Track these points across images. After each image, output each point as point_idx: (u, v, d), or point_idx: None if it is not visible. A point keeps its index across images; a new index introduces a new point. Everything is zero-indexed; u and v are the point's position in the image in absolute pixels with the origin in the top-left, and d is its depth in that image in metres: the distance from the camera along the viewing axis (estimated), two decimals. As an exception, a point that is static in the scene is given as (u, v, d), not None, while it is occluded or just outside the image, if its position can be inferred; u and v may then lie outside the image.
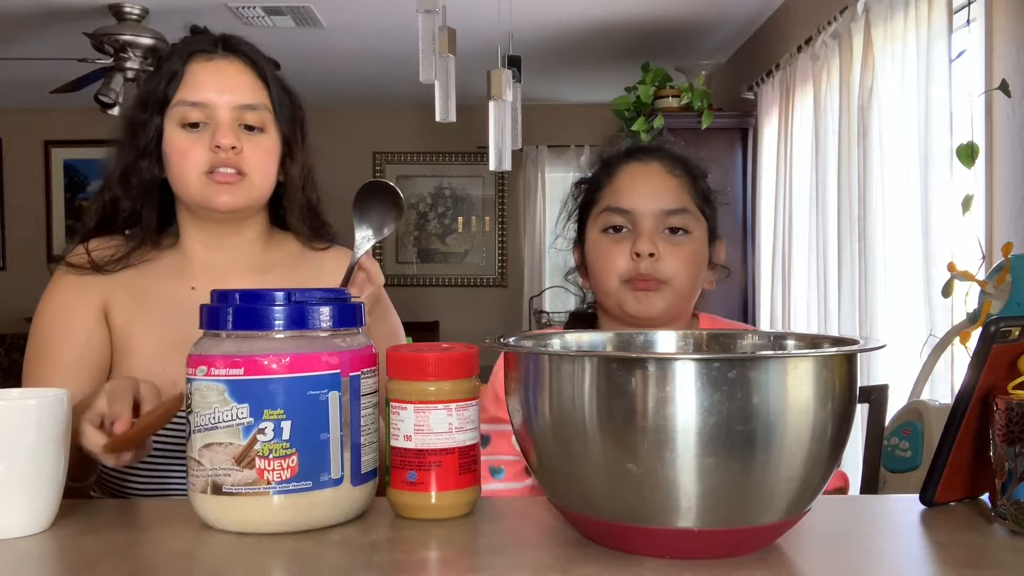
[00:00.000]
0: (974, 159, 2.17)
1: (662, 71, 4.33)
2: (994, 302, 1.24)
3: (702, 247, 1.29)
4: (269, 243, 1.36)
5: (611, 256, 1.26)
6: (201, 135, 1.24)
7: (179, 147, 1.25)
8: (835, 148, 3.02)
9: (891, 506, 0.91)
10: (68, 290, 1.28)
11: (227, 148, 1.23)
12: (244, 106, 1.26)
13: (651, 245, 1.23)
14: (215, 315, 0.83)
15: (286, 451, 0.80)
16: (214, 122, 1.24)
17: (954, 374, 2.17)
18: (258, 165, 1.26)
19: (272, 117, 1.29)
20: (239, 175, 1.25)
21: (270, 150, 1.29)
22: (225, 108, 1.25)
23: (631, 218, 1.26)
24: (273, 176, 1.30)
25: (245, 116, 1.26)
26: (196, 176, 1.24)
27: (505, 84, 3.11)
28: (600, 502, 0.72)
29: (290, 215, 1.35)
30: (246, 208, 1.28)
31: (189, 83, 1.26)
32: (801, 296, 3.46)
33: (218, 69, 1.27)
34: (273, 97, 1.30)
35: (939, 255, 2.32)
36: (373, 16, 4.29)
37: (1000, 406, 0.80)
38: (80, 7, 4.09)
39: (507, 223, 6.68)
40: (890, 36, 2.66)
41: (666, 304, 1.25)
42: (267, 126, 1.28)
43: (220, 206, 1.25)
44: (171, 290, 1.29)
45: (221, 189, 1.24)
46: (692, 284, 1.28)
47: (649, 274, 1.23)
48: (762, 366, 0.69)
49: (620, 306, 1.26)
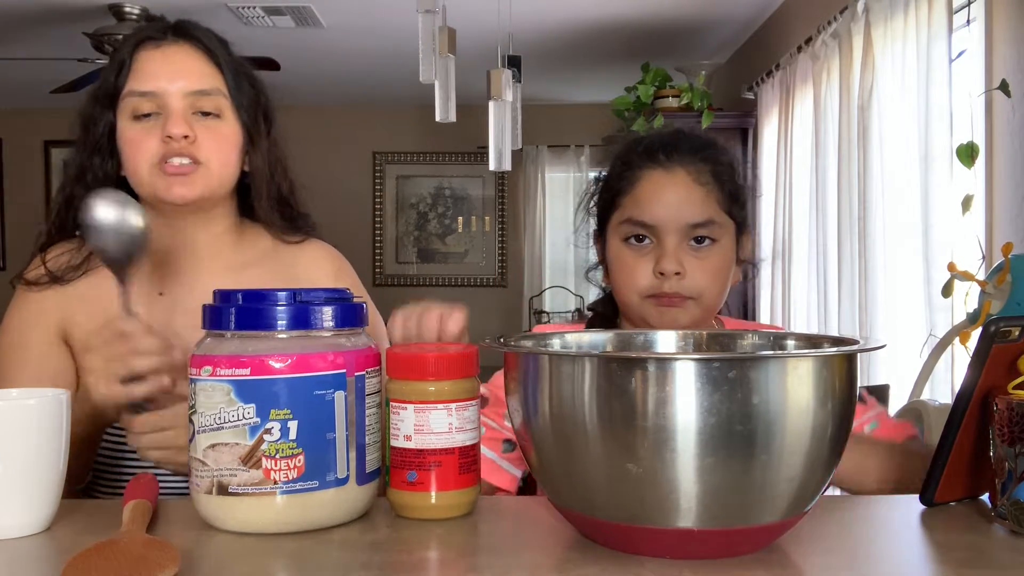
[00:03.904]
0: (974, 159, 2.17)
1: (662, 71, 4.33)
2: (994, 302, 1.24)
3: (729, 253, 1.24)
4: (241, 238, 1.31)
5: (634, 272, 1.21)
6: (153, 126, 1.19)
7: (130, 139, 1.20)
8: (835, 148, 3.02)
9: (891, 506, 0.91)
10: (23, 311, 1.24)
11: (179, 137, 1.17)
12: (197, 92, 1.20)
13: (676, 264, 1.18)
14: (219, 315, 0.83)
15: (293, 451, 0.80)
16: (166, 111, 1.19)
17: (954, 374, 2.17)
18: (215, 152, 1.21)
19: (229, 103, 1.23)
20: (194, 164, 1.19)
21: (228, 136, 1.23)
22: (176, 96, 1.19)
23: (654, 231, 1.20)
24: (234, 164, 1.25)
25: (199, 103, 1.20)
26: (147, 168, 1.19)
27: (505, 84, 3.11)
28: (600, 502, 0.72)
29: (258, 205, 1.30)
30: (205, 199, 1.22)
31: (137, 72, 1.20)
32: (801, 296, 3.46)
33: (167, 55, 1.21)
34: (228, 82, 1.24)
35: (939, 255, 2.32)
36: (373, 16, 4.29)
37: (1000, 406, 0.80)
38: (80, 7, 4.09)
39: (507, 223, 6.68)
40: (890, 36, 2.66)
41: (691, 318, 1.20)
42: (224, 112, 1.23)
43: (175, 198, 1.19)
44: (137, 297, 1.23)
45: (174, 181, 1.19)
46: (719, 296, 1.23)
47: (675, 292, 1.19)
48: (762, 366, 0.69)
49: (643, 319, 1.22)
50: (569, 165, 6.39)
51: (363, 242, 6.47)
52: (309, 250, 1.35)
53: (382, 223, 6.66)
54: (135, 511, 0.80)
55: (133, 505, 0.82)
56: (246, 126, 1.26)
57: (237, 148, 1.25)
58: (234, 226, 1.31)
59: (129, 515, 0.80)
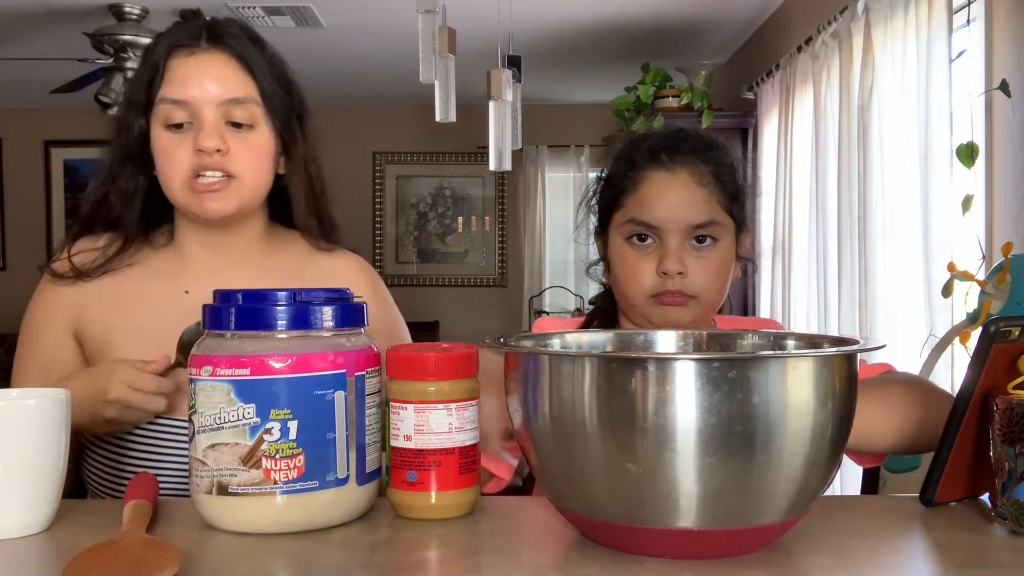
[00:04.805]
0: (974, 159, 2.17)
1: (662, 71, 4.33)
2: (994, 302, 1.24)
3: (729, 252, 1.26)
4: (270, 244, 1.32)
5: (637, 271, 1.22)
6: (186, 136, 1.19)
7: (164, 150, 1.20)
8: (835, 148, 3.02)
9: (891, 506, 0.91)
10: (43, 301, 1.27)
11: (211, 151, 1.17)
12: (230, 101, 1.19)
13: (679, 264, 1.20)
14: (219, 315, 0.83)
15: (293, 451, 0.80)
16: (198, 122, 1.18)
17: (954, 374, 2.17)
18: (248, 165, 1.21)
19: (262, 111, 1.23)
20: (227, 178, 1.20)
21: (261, 148, 1.23)
22: (209, 106, 1.18)
23: (657, 231, 1.22)
24: (267, 175, 1.25)
25: (232, 112, 1.20)
26: (181, 181, 1.19)
27: (505, 84, 3.11)
28: (600, 502, 0.72)
29: (296, 214, 1.30)
30: (239, 212, 1.23)
31: (170, 80, 1.20)
32: (801, 296, 3.46)
33: (200, 63, 1.20)
34: (262, 89, 1.23)
35: (939, 255, 2.32)
36: (373, 16, 4.29)
37: (1000, 406, 0.80)
38: (80, 7, 4.09)
39: (507, 223, 6.68)
40: (890, 36, 2.66)
41: (693, 317, 1.23)
42: (257, 121, 1.22)
43: (210, 214, 1.20)
44: (160, 295, 1.25)
45: (206, 197, 1.19)
46: (720, 295, 1.25)
47: (677, 290, 1.20)
48: (762, 366, 0.69)
49: (645, 317, 1.24)
50: (569, 165, 6.39)
51: (363, 242, 6.46)
52: (339, 263, 1.35)
53: (382, 223, 6.66)
54: (135, 511, 0.80)
55: (133, 505, 0.82)
56: (280, 134, 1.25)
57: (270, 157, 1.25)
58: (265, 231, 1.31)
59: (129, 515, 0.80)
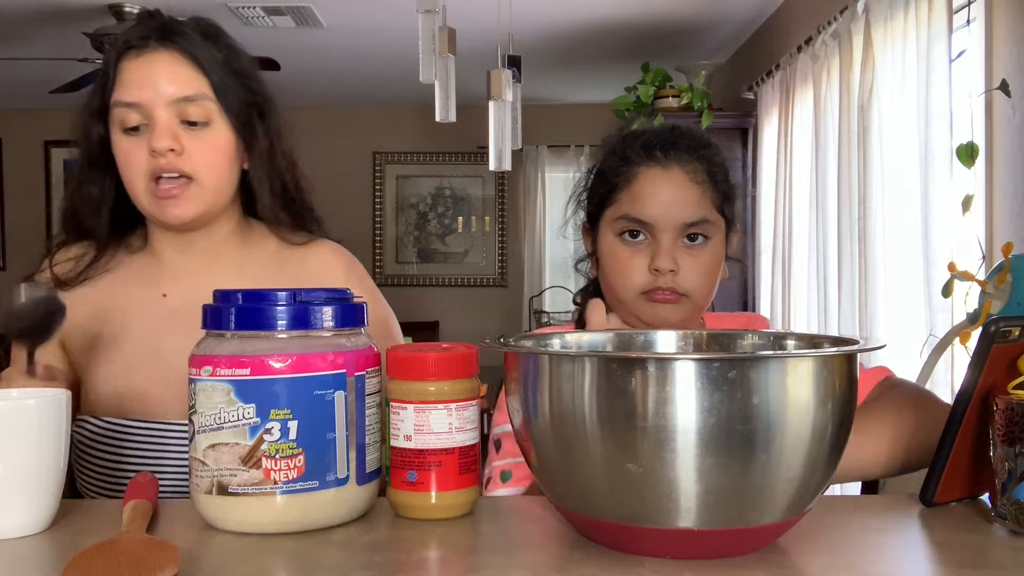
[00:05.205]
0: (974, 159, 2.18)
1: (662, 71, 4.33)
2: (994, 302, 1.24)
3: (720, 250, 1.26)
4: (245, 239, 1.30)
5: (629, 268, 1.22)
6: (142, 139, 1.18)
7: (122, 153, 1.19)
8: (835, 148, 3.02)
9: (891, 506, 0.91)
10: None
11: (164, 151, 1.16)
12: (182, 99, 1.18)
13: (671, 261, 1.20)
14: (219, 315, 0.83)
15: (293, 451, 0.80)
16: (152, 122, 1.17)
17: (954, 374, 2.18)
18: (205, 164, 1.19)
19: (217, 107, 1.20)
20: (186, 180, 1.18)
21: (218, 145, 1.21)
22: (161, 106, 1.17)
23: (649, 228, 1.22)
24: (227, 172, 1.23)
25: (186, 111, 1.18)
26: (143, 186, 1.18)
27: (505, 84, 3.12)
28: (600, 502, 0.72)
29: (261, 208, 1.29)
30: (203, 214, 1.21)
31: (122, 83, 1.19)
32: (801, 296, 3.46)
33: (150, 63, 1.18)
34: (215, 85, 1.21)
35: (939, 255, 2.32)
36: (373, 16, 4.29)
37: (1000, 406, 0.80)
38: (80, 7, 4.09)
39: (507, 223, 6.68)
40: (890, 36, 2.66)
41: (683, 314, 1.23)
42: (212, 118, 1.20)
43: (172, 219, 1.19)
44: (140, 299, 1.25)
45: (167, 203, 1.18)
46: (710, 293, 1.25)
47: (669, 288, 1.20)
48: (762, 366, 0.69)
49: (635, 314, 1.24)
50: (569, 165, 6.39)
51: (363, 242, 6.46)
52: (317, 251, 1.33)
53: (382, 223, 6.66)
54: (135, 511, 0.80)
55: (133, 505, 0.82)
56: (238, 130, 1.23)
57: (229, 155, 1.23)
58: (238, 228, 1.30)
59: (129, 515, 0.80)
